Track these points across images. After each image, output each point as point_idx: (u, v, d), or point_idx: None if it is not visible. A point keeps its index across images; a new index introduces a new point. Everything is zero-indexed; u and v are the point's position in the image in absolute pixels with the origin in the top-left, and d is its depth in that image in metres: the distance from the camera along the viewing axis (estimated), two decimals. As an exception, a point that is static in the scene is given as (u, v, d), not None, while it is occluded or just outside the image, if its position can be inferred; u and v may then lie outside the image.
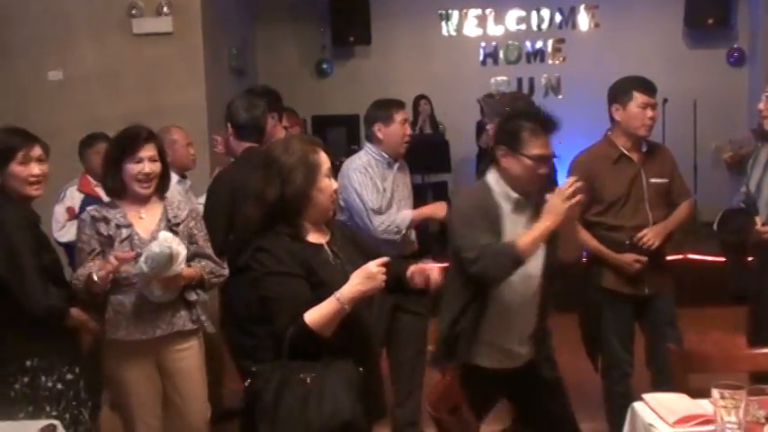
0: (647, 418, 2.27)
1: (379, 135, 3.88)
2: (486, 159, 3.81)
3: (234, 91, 5.73)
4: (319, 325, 2.32)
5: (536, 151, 2.87)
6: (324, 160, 2.51)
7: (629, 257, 3.61)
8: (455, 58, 9.16)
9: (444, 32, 9.27)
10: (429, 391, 2.27)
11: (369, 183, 3.79)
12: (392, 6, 8.97)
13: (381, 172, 3.90)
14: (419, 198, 7.34)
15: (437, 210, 3.98)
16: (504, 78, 9.09)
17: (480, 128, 7.26)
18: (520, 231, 2.85)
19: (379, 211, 3.76)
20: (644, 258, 3.59)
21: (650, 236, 3.60)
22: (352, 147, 8.02)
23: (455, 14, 9.21)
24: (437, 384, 2.34)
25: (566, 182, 2.84)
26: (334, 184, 2.58)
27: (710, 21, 8.70)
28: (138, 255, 2.91)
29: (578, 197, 2.78)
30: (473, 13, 9.19)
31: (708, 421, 2.16)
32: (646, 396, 2.37)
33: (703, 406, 2.23)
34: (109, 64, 6.37)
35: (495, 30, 9.21)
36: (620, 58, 8.24)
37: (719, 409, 2.09)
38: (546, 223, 2.77)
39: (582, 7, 9.08)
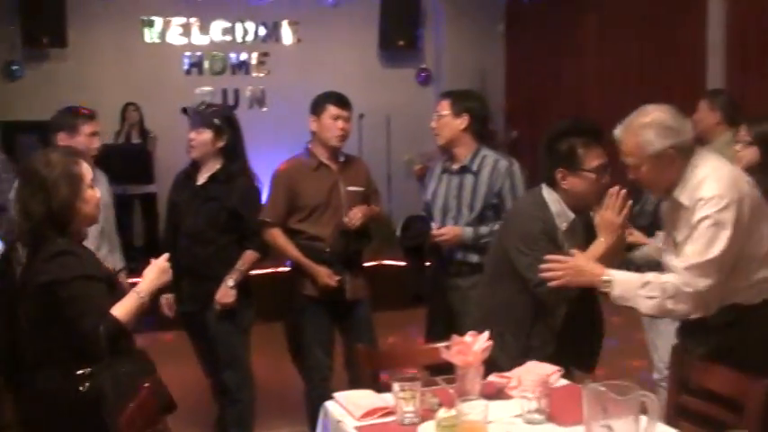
0: (337, 414, 2.42)
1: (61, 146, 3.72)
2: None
3: None
4: (126, 320, 2.44)
5: (595, 163, 2.92)
6: (86, 171, 2.56)
7: (323, 272, 3.81)
8: (159, 66, 8.98)
9: (147, 39, 9.03)
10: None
11: None
12: (91, 8, 8.56)
13: None
14: (123, 210, 7.10)
15: None
16: (209, 89, 9.08)
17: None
18: (573, 250, 2.87)
19: None
20: (336, 277, 3.82)
21: (356, 212, 3.85)
22: (46, 156, 7.52)
23: (158, 22, 9.02)
24: (135, 399, 2.30)
25: (611, 194, 2.83)
26: (98, 194, 2.60)
27: (401, 42, 9.44)
28: None
29: (628, 206, 2.82)
30: (177, 21, 9.08)
31: (390, 413, 2.36)
32: (336, 394, 2.52)
33: (387, 400, 2.42)
34: None
35: (199, 39, 9.16)
36: (322, 74, 8.63)
37: (399, 400, 2.31)
38: (606, 239, 2.82)
39: (285, 22, 9.35)
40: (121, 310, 2.44)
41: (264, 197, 3.98)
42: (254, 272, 3.88)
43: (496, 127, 9.29)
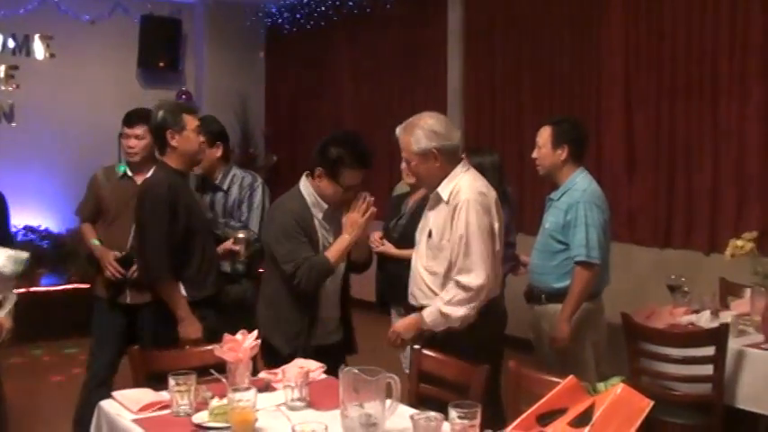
0: (113, 410, 2.56)
1: None
2: None
3: None
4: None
5: (349, 182, 3.31)
6: None
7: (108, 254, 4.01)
8: None
9: None
10: None
11: None
12: None
13: None
14: None
15: None
16: (-50, 100, 8.51)
17: None
18: (329, 235, 3.37)
19: None
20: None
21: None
22: None
23: None
24: None
25: (360, 198, 3.28)
26: None
27: (161, 64, 9.41)
28: None
29: (372, 210, 3.27)
30: None
31: (166, 406, 2.54)
32: (114, 393, 2.67)
33: (164, 396, 2.59)
34: None
35: (-62, 49, 8.56)
36: (77, 90, 8.42)
37: (174, 394, 2.50)
38: (350, 236, 3.29)
39: (37, 36, 8.97)
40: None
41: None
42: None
43: (257, 151, 9.59)
